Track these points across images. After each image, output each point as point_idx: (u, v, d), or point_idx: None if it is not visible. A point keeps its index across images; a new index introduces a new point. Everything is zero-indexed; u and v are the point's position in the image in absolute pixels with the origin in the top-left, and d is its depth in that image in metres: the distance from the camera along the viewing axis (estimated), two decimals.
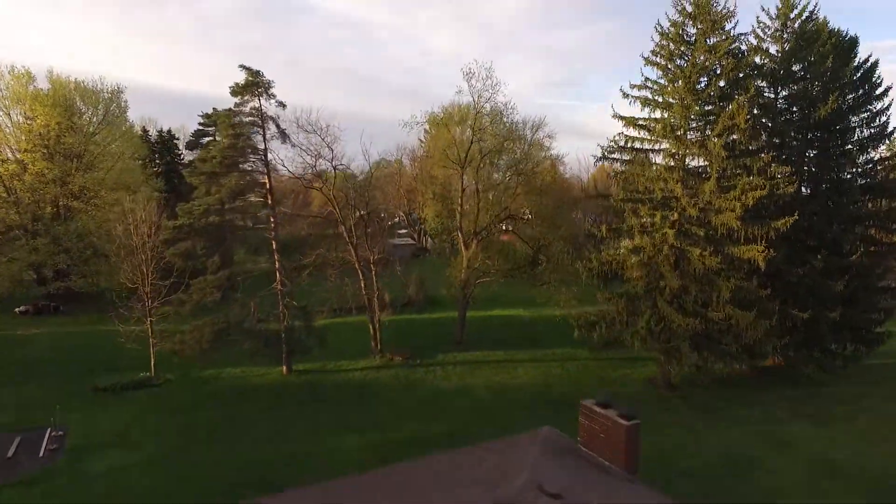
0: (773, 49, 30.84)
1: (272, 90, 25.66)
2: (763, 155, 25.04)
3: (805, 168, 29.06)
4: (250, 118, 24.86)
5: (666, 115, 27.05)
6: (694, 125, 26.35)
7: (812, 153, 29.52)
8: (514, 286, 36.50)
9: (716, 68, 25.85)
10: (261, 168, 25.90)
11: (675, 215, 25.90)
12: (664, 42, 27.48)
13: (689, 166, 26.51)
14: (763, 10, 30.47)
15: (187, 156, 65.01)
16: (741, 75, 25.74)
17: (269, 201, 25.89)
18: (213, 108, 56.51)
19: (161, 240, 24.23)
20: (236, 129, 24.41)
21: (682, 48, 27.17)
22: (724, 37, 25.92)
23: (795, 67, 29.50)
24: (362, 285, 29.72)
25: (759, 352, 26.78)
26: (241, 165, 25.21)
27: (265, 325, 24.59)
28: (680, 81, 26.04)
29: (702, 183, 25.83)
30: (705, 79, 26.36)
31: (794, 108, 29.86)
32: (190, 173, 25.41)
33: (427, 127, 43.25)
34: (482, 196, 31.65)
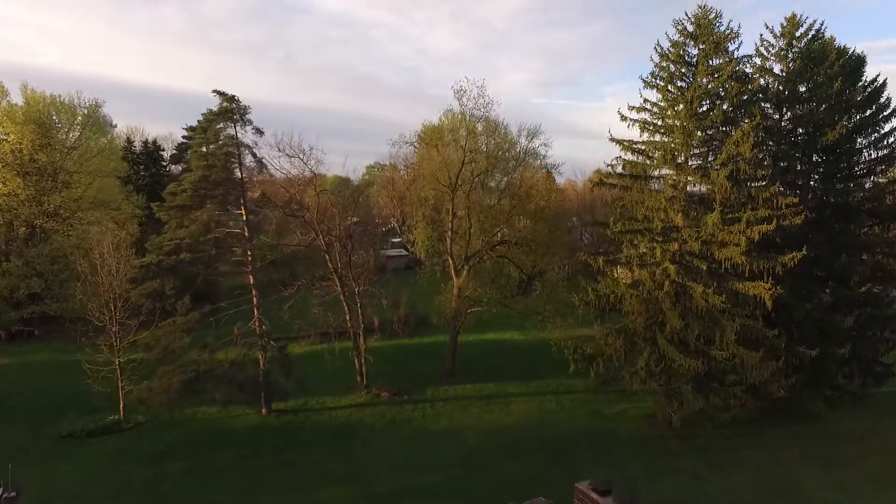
0: (777, 68, 29.48)
1: (248, 115, 24.12)
2: (770, 185, 23.57)
3: (810, 193, 27.66)
4: (225, 149, 23.28)
5: (666, 140, 25.63)
6: (696, 151, 24.89)
7: (816, 177, 28.12)
8: (508, 308, 35.06)
9: (719, 91, 24.42)
10: (237, 197, 24.32)
11: (676, 246, 24.48)
12: (664, 63, 26.05)
13: (691, 193, 25.03)
14: (767, 27, 29.09)
15: (174, 167, 63.71)
16: (746, 99, 24.28)
17: (246, 233, 24.28)
18: (198, 121, 54.91)
19: (128, 278, 22.60)
20: (209, 160, 22.84)
21: (683, 69, 25.76)
22: (727, 59, 24.50)
23: (801, 88, 28.11)
24: (347, 318, 28.17)
25: (765, 392, 25.40)
26: (215, 198, 23.62)
27: (241, 368, 22.99)
28: (681, 105, 24.60)
29: (704, 213, 24.40)
30: (707, 103, 24.94)
31: (800, 130, 28.47)
32: (159, 208, 23.78)
33: (416, 145, 41.72)
34: (474, 220, 30.17)
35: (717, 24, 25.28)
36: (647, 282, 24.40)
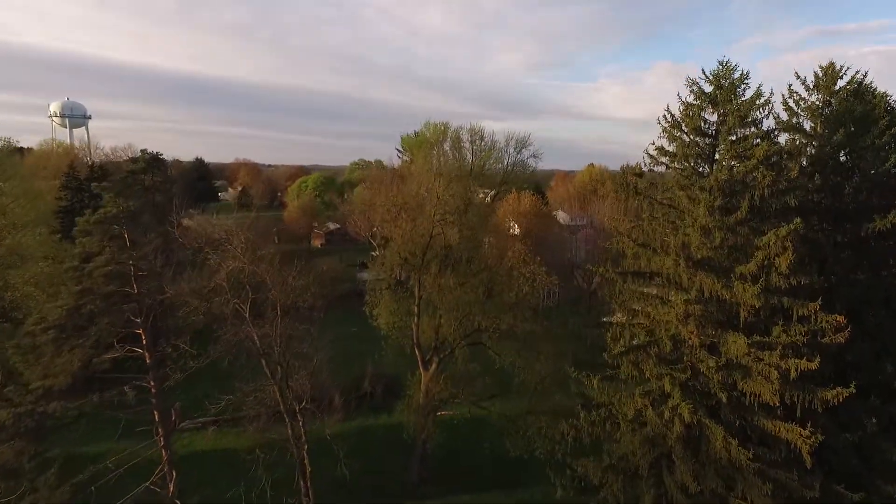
0: (808, 124, 24.34)
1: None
2: (811, 301, 18.53)
3: (848, 289, 22.66)
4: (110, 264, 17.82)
5: (678, 230, 20.53)
6: (716, 252, 19.73)
7: (857, 265, 23.10)
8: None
9: (746, 179, 19.27)
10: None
11: (689, 373, 19.51)
12: (675, 132, 20.88)
13: (706, 303, 19.91)
14: (798, 77, 23.81)
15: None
16: (782, 188, 19.09)
17: (147, 359, 19.04)
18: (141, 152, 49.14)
19: None
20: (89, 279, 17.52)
21: (700, 140, 20.58)
22: (756, 134, 19.34)
23: (842, 156, 22.98)
24: (290, 439, 23.00)
25: None
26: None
27: None
28: (698, 196, 19.42)
29: (725, 331, 19.39)
30: (730, 185, 19.78)
31: (834, 203, 23.39)
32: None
33: (400, 153, 36.16)
34: (443, 309, 25.11)
35: (743, 87, 20.08)
36: (652, 420, 19.46)
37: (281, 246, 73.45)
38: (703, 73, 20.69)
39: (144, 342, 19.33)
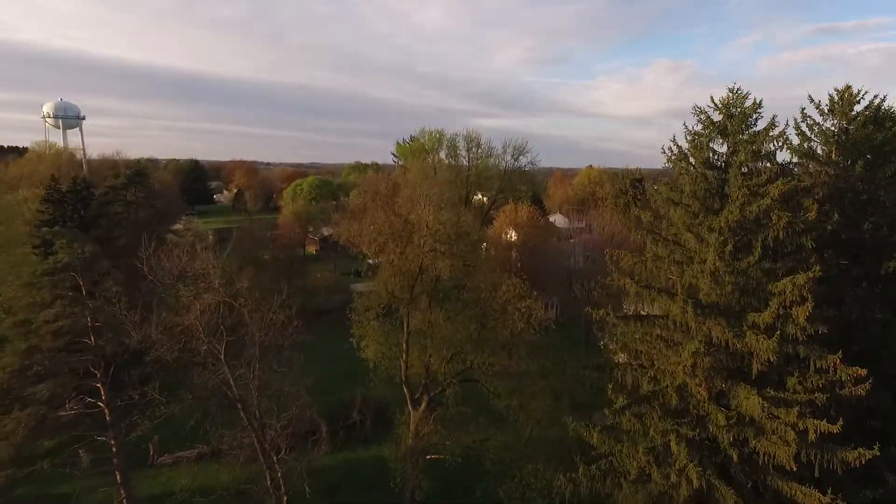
0: (819, 150, 22.84)
1: None
2: (831, 354, 17.00)
3: (865, 328, 21.15)
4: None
5: (684, 271, 18.97)
6: (726, 297, 18.16)
7: (876, 309, 21.53)
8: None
9: (760, 218, 17.71)
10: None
11: (696, 429, 17.96)
12: (681, 164, 19.33)
13: (715, 351, 18.36)
14: (812, 101, 22.27)
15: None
16: (800, 230, 17.52)
17: (107, 415, 17.46)
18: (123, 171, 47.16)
19: None
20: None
21: (708, 173, 19.01)
22: (771, 172, 17.77)
23: (859, 186, 21.44)
24: (269, 490, 21.44)
25: None
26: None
27: None
28: (707, 238, 17.86)
29: (736, 383, 17.86)
30: (743, 223, 18.22)
31: (852, 237, 21.86)
32: None
33: (395, 158, 34.53)
34: (433, 348, 23.55)
35: (756, 117, 18.50)
36: (658, 482, 17.93)
37: (275, 252, 71.71)
38: (712, 100, 19.12)
39: (104, 397, 17.74)
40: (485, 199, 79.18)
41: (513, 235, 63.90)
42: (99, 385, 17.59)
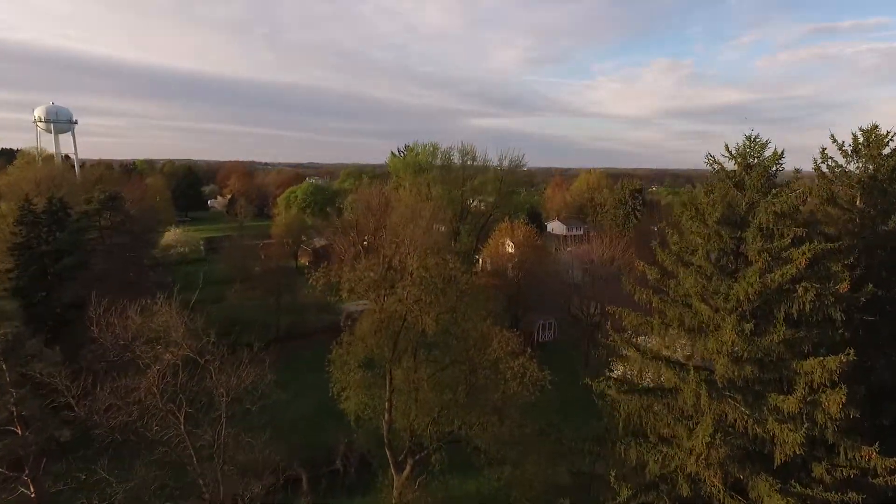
0: (842, 193, 20.72)
1: None
2: (864, 446, 14.91)
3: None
4: None
5: (696, 342, 16.86)
6: (744, 377, 16.01)
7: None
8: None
9: (783, 286, 15.57)
10: None
11: None
12: (694, 226, 17.17)
13: (732, 437, 16.24)
14: (835, 141, 20.14)
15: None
16: (828, 304, 15.37)
17: (32, 492, 15.27)
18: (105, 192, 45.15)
19: None
20: None
21: (724, 232, 16.87)
22: (795, 233, 15.63)
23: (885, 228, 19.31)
24: None
25: None
26: None
27: None
28: (723, 309, 15.72)
29: (756, 472, 15.74)
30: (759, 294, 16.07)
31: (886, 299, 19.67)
32: None
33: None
34: (420, 405, 21.48)
35: (776, 167, 16.38)
36: None
37: (266, 264, 69.52)
38: (727, 148, 17.00)
39: (34, 494, 15.58)
40: (482, 205, 76.93)
41: (510, 246, 61.86)
42: (28, 480, 15.41)
